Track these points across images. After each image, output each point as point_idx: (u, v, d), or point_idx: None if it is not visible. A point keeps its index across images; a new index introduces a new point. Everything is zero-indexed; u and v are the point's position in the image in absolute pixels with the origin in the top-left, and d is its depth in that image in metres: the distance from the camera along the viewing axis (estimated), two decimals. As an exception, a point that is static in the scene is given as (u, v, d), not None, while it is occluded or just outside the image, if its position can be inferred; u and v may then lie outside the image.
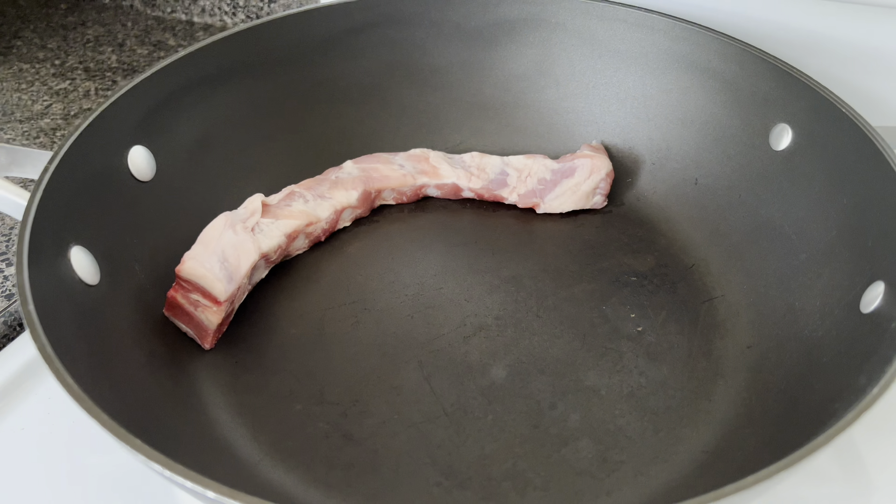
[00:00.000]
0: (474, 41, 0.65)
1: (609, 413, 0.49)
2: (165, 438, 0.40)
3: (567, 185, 0.61)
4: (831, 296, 0.49)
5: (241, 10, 0.90)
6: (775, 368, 0.49)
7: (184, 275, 0.51)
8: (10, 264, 0.61)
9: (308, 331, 0.54)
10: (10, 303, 0.57)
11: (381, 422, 0.48)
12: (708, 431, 0.48)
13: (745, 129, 0.59)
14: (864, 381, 0.40)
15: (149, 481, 0.47)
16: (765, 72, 0.57)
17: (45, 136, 0.76)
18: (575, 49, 0.64)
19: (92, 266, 0.48)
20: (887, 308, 0.44)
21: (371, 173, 0.62)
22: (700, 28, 0.60)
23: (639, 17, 0.62)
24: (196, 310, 0.51)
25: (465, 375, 0.51)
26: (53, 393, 0.51)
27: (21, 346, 0.54)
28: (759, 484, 0.33)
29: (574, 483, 0.45)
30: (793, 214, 0.55)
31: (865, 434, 0.48)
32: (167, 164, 0.56)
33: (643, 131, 0.64)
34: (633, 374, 0.51)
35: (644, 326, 0.54)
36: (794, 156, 0.56)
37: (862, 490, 0.47)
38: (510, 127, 0.67)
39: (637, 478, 0.45)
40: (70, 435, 0.49)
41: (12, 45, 0.90)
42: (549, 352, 0.52)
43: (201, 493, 0.33)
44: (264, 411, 0.49)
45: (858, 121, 0.51)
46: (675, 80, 0.62)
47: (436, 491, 0.45)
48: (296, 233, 0.57)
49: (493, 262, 0.59)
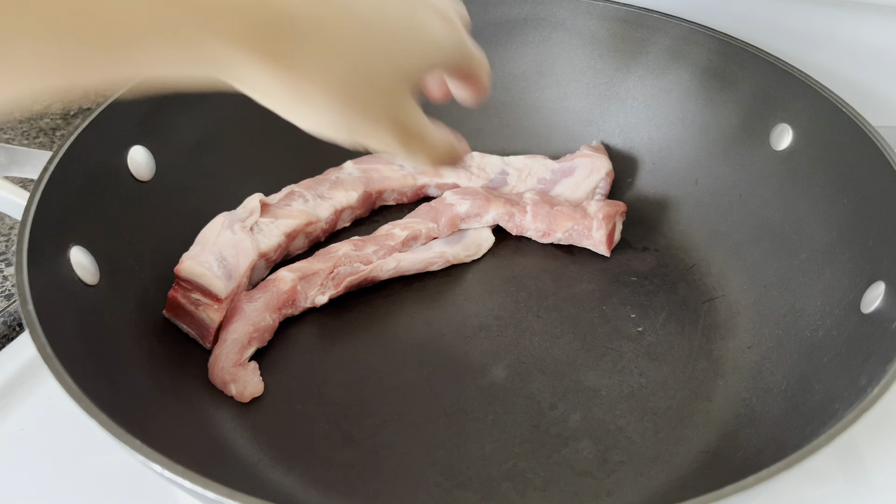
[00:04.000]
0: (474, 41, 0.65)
1: (609, 413, 0.49)
2: (165, 438, 0.40)
3: (567, 184, 0.61)
4: (832, 296, 0.49)
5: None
6: (775, 369, 0.49)
7: (183, 274, 0.51)
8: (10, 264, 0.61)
9: (307, 331, 0.54)
10: (9, 303, 0.57)
11: (381, 422, 0.48)
12: (708, 432, 0.48)
13: (745, 129, 0.59)
14: (865, 381, 0.40)
15: (149, 481, 0.47)
16: (765, 72, 0.57)
17: (44, 136, 0.76)
18: (575, 49, 0.64)
19: (91, 266, 0.48)
20: (888, 308, 0.44)
21: (371, 174, 0.62)
22: (701, 28, 0.59)
23: (639, 17, 0.62)
24: (197, 309, 0.51)
25: (465, 375, 0.51)
26: (53, 393, 0.51)
27: (21, 347, 0.54)
28: (759, 484, 0.33)
29: (574, 483, 0.45)
30: (793, 214, 0.55)
31: (866, 434, 0.48)
32: (167, 164, 0.56)
33: (643, 131, 0.64)
34: (634, 375, 0.51)
35: (644, 326, 0.54)
36: (795, 156, 0.56)
37: (862, 490, 0.47)
38: (510, 127, 0.67)
39: (637, 478, 0.45)
40: (70, 435, 0.49)
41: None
42: (550, 352, 0.52)
43: (201, 494, 0.33)
44: (264, 411, 0.49)
45: (859, 121, 0.51)
46: (675, 80, 0.62)
47: (436, 491, 0.45)
48: (295, 232, 0.57)
49: (493, 263, 0.59)
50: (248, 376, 0.50)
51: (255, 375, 0.50)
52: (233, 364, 0.50)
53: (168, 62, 0.28)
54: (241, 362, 0.50)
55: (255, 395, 0.49)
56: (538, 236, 0.59)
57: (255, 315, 0.52)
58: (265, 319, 0.52)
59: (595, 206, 0.58)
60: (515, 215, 0.59)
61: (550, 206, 0.58)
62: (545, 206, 0.58)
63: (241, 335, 0.51)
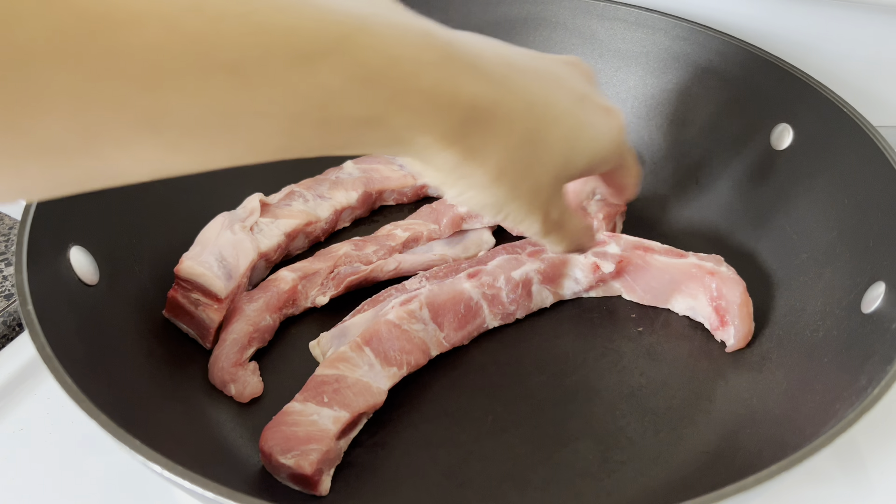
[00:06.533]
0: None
1: (609, 413, 0.49)
2: (165, 438, 0.40)
3: (567, 184, 0.61)
4: (832, 296, 0.49)
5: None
6: (776, 369, 0.49)
7: (182, 274, 0.51)
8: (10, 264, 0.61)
9: (307, 331, 0.54)
10: (9, 303, 0.56)
11: (381, 422, 0.48)
12: (708, 432, 0.47)
13: (746, 128, 0.59)
14: (865, 381, 0.40)
15: (149, 481, 0.47)
16: (766, 71, 0.57)
17: (44, 136, 0.76)
18: (575, 48, 0.64)
19: (91, 266, 0.48)
20: (888, 308, 0.44)
21: (371, 174, 0.62)
22: (701, 27, 0.59)
23: (639, 17, 0.62)
24: (197, 309, 0.51)
25: (465, 376, 0.51)
26: (53, 393, 0.51)
27: (20, 347, 0.54)
28: (759, 484, 0.33)
29: (574, 483, 0.45)
30: (794, 214, 0.55)
31: (866, 435, 0.48)
32: (167, 163, 0.56)
33: (643, 131, 0.64)
34: (634, 375, 0.51)
35: (644, 327, 0.54)
36: (796, 156, 0.56)
37: (862, 490, 0.47)
38: (510, 127, 0.66)
39: (637, 478, 0.45)
40: (70, 435, 0.49)
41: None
42: (550, 352, 0.52)
43: (201, 494, 0.33)
44: (264, 411, 0.49)
45: (860, 121, 0.51)
46: (675, 80, 0.62)
47: (436, 491, 0.45)
48: (295, 232, 0.57)
49: (493, 262, 0.59)
50: (248, 376, 0.50)
51: (254, 375, 0.50)
52: (233, 364, 0.50)
53: (363, 145, 0.31)
54: (241, 362, 0.50)
55: (255, 395, 0.49)
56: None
57: (255, 315, 0.52)
58: (265, 319, 0.52)
59: (595, 206, 0.58)
60: None
61: None
62: None
63: (241, 335, 0.51)
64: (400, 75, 0.29)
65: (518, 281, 0.53)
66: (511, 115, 0.34)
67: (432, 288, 0.51)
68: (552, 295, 0.54)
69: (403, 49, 0.29)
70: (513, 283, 0.52)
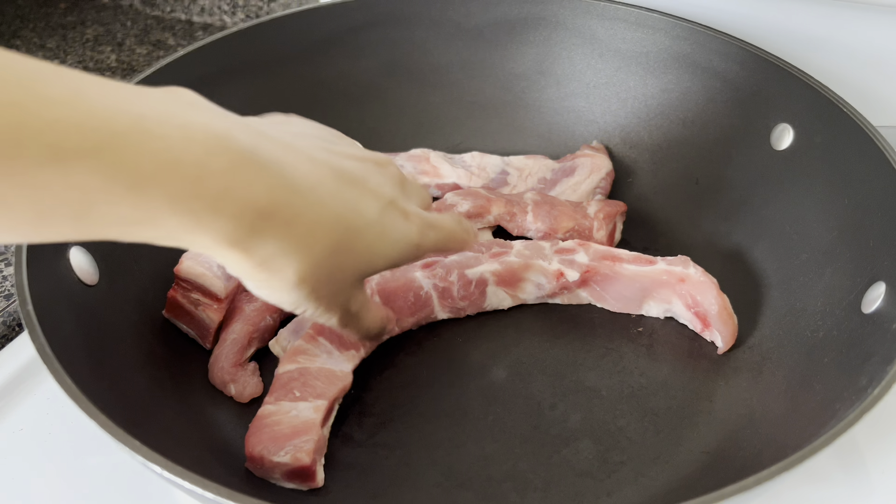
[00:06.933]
0: (474, 40, 0.65)
1: (610, 414, 0.49)
2: (165, 439, 0.40)
3: (567, 184, 0.61)
4: (832, 296, 0.49)
5: (241, 10, 0.90)
6: (776, 369, 0.49)
7: (182, 274, 0.51)
8: (10, 264, 0.61)
9: (308, 331, 0.54)
10: (9, 303, 0.56)
11: (381, 422, 0.48)
12: (709, 432, 0.47)
13: (746, 128, 0.59)
14: (866, 381, 0.40)
15: (149, 481, 0.46)
16: (766, 71, 0.57)
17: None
18: (575, 48, 0.64)
19: (91, 266, 0.48)
20: (888, 309, 0.44)
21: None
22: (701, 27, 0.59)
23: (639, 17, 0.62)
24: (197, 309, 0.51)
25: (465, 375, 0.51)
26: (53, 393, 0.51)
27: (20, 347, 0.54)
28: (760, 485, 0.33)
29: (574, 484, 0.45)
30: (794, 214, 0.55)
31: (867, 435, 0.48)
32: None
33: (643, 131, 0.64)
34: (634, 375, 0.51)
35: (644, 327, 0.54)
36: (796, 156, 0.56)
37: (863, 491, 0.47)
38: (510, 127, 0.66)
39: (638, 478, 0.45)
40: (69, 435, 0.49)
41: (11, 44, 0.90)
42: (550, 352, 0.52)
43: (200, 494, 0.33)
44: (264, 411, 0.49)
45: (860, 121, 0.51)
46: (675, 80, 0.62)
47: (436, 491, 0.45)
48: (296, 233, 0.57)
49: (493, 262, 0.59)
50: (248, 376, 0.50)
51: (254, 376, 0.50)
52: (232, 364, 0.50)
53: (137, 239, 0.31)
54: (241, 362, 0.50)
55: (255, 395, 0.49)
56: (539, 236, 0.59)
57: (255, 315, 0.52)
58: (265, 319, 0.52)
59: (595, 206, 0.58)
60: (516, 215, 0.59)
61: (551, 206, 0.58)
62: (546, 207, 0.58)
63: (241, 335, 0.51)
64: (179, 179, 0.29)
65: (471, 279, 0.53)
66: (315, 226, 0.34)
67: (384, 275, 0.52)
68: (510, 297, 0.54)
69: (186, 153, 0.29)
70: (465, 280, 0.53)
